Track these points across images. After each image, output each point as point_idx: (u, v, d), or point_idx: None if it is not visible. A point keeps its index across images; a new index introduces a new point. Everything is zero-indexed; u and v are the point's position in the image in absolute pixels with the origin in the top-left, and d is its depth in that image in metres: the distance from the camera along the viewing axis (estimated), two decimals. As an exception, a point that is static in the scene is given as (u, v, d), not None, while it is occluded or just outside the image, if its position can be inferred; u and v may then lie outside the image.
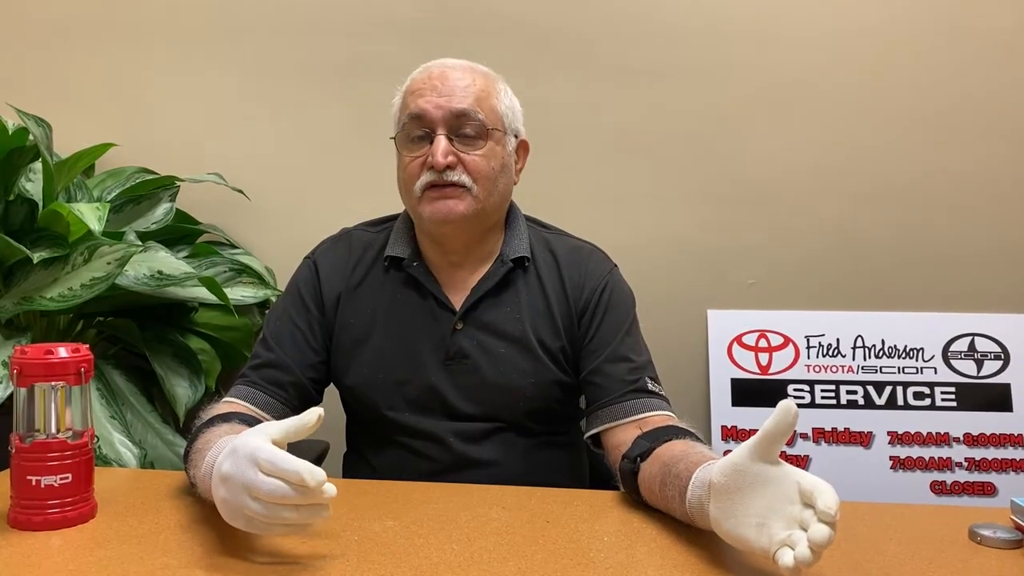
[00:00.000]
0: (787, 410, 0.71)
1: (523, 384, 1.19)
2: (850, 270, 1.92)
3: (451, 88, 1.14)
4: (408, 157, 1.16)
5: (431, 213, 1.14)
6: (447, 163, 1.12)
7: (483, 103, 1.15)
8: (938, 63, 1.87)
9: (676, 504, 0.87)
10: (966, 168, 1.88)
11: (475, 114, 1.13)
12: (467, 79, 1.16)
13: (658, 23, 1.91)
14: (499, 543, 0.85)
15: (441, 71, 1.16)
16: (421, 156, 1.14)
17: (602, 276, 1.24)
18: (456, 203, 1.13)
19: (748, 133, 1.92)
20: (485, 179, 1.15)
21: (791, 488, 0.72)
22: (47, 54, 2.03)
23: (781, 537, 0.70)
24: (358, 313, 1.23)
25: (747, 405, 1.86)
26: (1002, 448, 1.79)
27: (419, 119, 1.14)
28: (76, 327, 1.74)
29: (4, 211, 1.64)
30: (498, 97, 1.18)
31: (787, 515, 0.71)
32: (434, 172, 1.12)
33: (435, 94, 1.13)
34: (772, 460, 0.73)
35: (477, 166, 1.14)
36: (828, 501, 0.67)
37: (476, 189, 1.14)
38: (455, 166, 1.13)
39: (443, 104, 1.13)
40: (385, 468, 1.22)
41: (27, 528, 0.87)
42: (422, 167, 1.14)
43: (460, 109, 1.13)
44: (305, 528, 0.80)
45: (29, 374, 0.89)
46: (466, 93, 1.14)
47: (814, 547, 0.67)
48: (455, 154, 1.13)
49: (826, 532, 0.67)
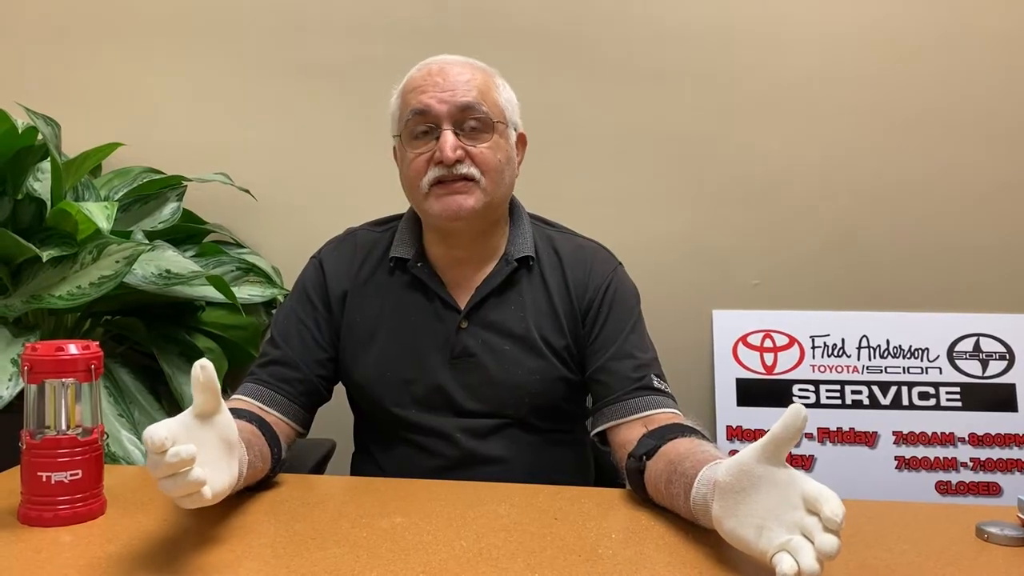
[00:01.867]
0: (796, 414, 0.70)
1: (528, 381, 1.19)
2: (855, 270, 1.92)
3: (453, 83, 1.14)
4: (413, 153, 1.16)
5: (441, 209, 1.14)
6: (456, 157, 1.12)
7: (486, 96, 1.16)
8: (944, 62, 1.87)
9: (681, 502, 0.88)
10: (972, 168, 1.88)
11: (480, 107, 1.14)
12: (467, 73, 1.16)
13: (663, 24, 1.91)
14: (507, 539, 0.85)
15: (440, 67, 1.17)
16: (427, 152, 1.14)
17: (606, 274, 1.24)
18: (465, 198, 1.13)
19: (753, 133, 1.92)
20: (493, 171, 1.15)
21: (795, 493, 0.71)
22: (55, 55, 2.04)
23: (780, 541, 0.70)
24: (364, 312, 1.23)
25: (752, 405, 1.86)
26: (1007, 448, 1.79)
27: (423, 115, 1.14)
28: (84, 326, 1.75)
29: (13, 210, 1.65)
30: (498, 91, 1.19)
31: (788, 520, 0.71)
32: (443, 167, 1.13)
33: (437, 89, 1.14)
34: (779, 463, 0.73)
35: (485, 158, 1.14)
36: (834, 508, 0.66)
37: (484, 181, 1.14)
38: (463, 159, 1.13)
39: (447, 99, 1.13)
40: (393, 465, 1.22)
41: (37, 524, 0.88)
42: (428, 163, 1.14)
43: (465, 102, 1.13)
44: (191, 499, 0.74)
45: (40, 371, 0.89)
46: (469, 87, 1.15)
47: (822, 557, 0.66)
48: (462, 148, 1.13)
49: (834, 542, 0.66)
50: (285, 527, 0.89)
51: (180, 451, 0.71)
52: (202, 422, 0.80)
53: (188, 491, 0.73)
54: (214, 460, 0.79)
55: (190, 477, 0.72)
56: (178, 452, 0.71)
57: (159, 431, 0.71)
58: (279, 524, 0.90)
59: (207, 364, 0.78)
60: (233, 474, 0.82)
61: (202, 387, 0.78)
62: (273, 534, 0.86)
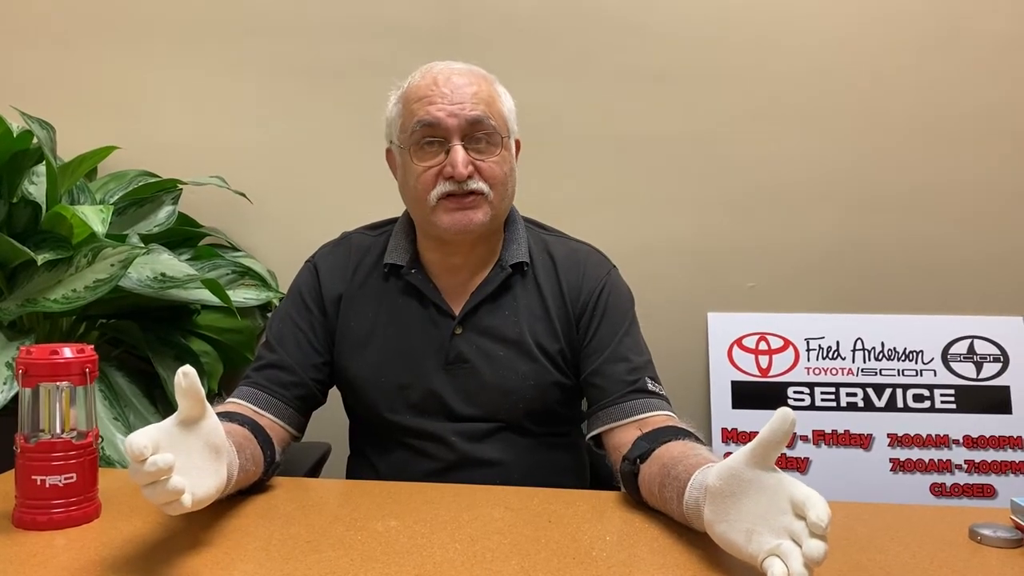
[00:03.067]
0: (784, 417, 0.71)
1: (522, 386, 1.19)
2: (850, 273, 1.92)
3: (461, 95, 1.14)
4: (421, 166, 1.15)
5: (451, 223, 1.14)
6: (468, 173, 1.12)
7: (492, 109, 1.16)
8: (937, 70, 1.88)
9: (674, 505, 0.88)
10: (966, 172, 1.89)
11: (488, 121, 1.14)
12: (473, 85, 1.15)
13: (661, 28, 1.92)
14: (502, 542, 0.85)
15: (447, 76, 1.15)
16: (436, 166, 1.14)
17: (600, 279, 1.24)
18: (474, 213, 1.14)
19: (748, 138, 1.92)
20: (500, 185, 1.16)
21: (783, 497, 0.71)
22: (50, 57, 2.04)
23: (769, 546, 0.70)
24: (359, 317, 1.24)
25: (747, 408, 1.86)
26: (1001, 450, 1.80)
27: (432, 127, 1.13)
28: (79, 329, 1.75)
29: (8, 213, 1.65)
30: (501, 101, 1.19)
31: (777, 525, 0.71)
32: (453, 183, 1.13)
33: (446, 101, 1.13)
34: (767, 467, 0.73)
35: (493, 172, 1.15)
36: (820, 513, 0.66)
37: (492, 195, 1.15)
38: (473, 175, 1.13)
39: (456, 112, 1.13)
40: (389, 468, 1.22)
41: (32, 528, 0.88)
42: (437, 177, 1.14)
43: (474, 117, 1.13)
44: (172, 507, 0.74)
45: (34, 374, 0.89)
46: (476, 100, 1.14)
47: (809, 563, 0.66)
48: (472, 163, 1.13)
49: (821, 548, 0.66)
50: (280, 530, 0.89)
51: (158, 460, 0.71)
52: (187, 428, 0.79)
53: (168, 499, 0.73)
54: (198, 467, 0.79)
55: (168, 486, 0.72)
56: (155, 462, 0.71)
57: (139, 439, 0.71)
58: (274, 527, 0.90)
59: (190, 371, 0.78)
60: (220, 479, 0.82)
61: (184, 393, 0.78)
62: (267, 537, 0.86)
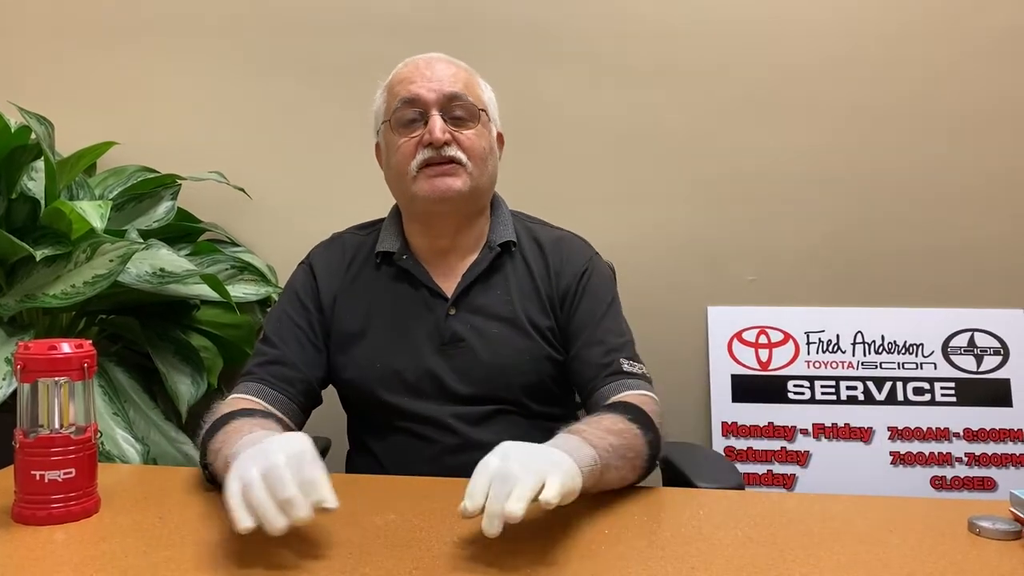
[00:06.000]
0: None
1: (518, 361, 1.22)
2: (850, 266, 1.92)
3: (440, 75, 1.20)
4: (402, 139, 1.19)
5: (430, 190, 1.17)
6: (445, 139, 1.16)
7: (470, 89, 1.23)
8: (936, 58, 1.88)
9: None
10: (967, 163, 1.88)
11: (465, 96, 1.20)
12: (452, 68, 1.23)
13: (655, 21, 1.91)
14: (500, 535, 0.85)
15: (426, 61, 1.23)
16: (416, 137, 1.18)
17: (583, 263, 1.28)
18: (453, 180, 1.18)
19: (747, 130, 1.92)
20: (478, 157, 1.20)
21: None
22: (49, 53, 2.04)
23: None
24: (354, 310, 1.26)
25: (747, 401, 1.86)
26: (1002, 443, 1.80)
27: (412, 103, 1.19)
28: (78, 325, 1.75)
29: (7, 209, 1.65)
30: (480, 88, 1.26)
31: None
32: (431, 149, 1.17)
33: (425, 80, 1.20)
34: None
35: (471, 143, 1.20)
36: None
37: (470, 166, 1.19)
38: (451, 142, 1.18)
39: (435, 88, 1.19)
40: (389, 455, 1.23)
41: (31, 523, 0.88)
42: (417, 147, 1.18)
43: (452, 92, 1.19)
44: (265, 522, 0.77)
45: (33, 369, 0.89)
46: (455, 79, 1.21)
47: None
48: (450, 132, 1.18)
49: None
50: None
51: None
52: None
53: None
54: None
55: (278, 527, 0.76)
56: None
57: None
58: (273, 522, 0.90)
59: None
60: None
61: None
62: (265, 532, 0.86)
